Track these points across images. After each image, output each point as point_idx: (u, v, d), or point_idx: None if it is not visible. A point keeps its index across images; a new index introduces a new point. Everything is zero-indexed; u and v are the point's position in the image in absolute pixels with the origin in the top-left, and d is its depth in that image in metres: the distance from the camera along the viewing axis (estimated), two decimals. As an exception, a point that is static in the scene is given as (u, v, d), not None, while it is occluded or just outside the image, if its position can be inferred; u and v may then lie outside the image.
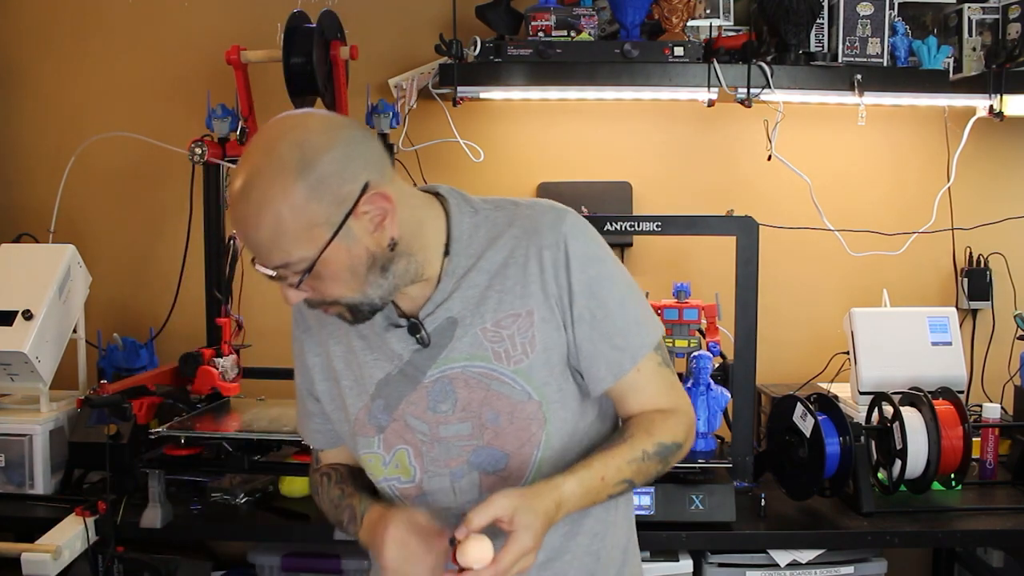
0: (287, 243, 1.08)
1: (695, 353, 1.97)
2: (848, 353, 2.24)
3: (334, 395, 1.28)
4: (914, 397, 2.01)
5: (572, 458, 1.22)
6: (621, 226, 1.99)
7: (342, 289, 1.14)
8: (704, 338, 2.04)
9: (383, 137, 2.22)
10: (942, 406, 1.98)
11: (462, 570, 1.06)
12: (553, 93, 2.35)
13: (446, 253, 1.21)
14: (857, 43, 2.28)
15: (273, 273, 1.12)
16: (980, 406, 2.21)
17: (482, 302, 1.21)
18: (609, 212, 2.42)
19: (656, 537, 1.85)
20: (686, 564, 1.88)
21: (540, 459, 1.22)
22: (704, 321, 2.05)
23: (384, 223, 1.13)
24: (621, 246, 2.55)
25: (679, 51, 2.21)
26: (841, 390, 2.30)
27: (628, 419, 1.28)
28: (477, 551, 1.05)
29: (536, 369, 1.20)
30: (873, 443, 1.99)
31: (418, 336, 1.21)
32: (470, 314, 1.21)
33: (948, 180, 2.51)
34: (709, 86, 2.22)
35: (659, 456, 1.23)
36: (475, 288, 1.21)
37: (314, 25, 2.15)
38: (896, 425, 1.95)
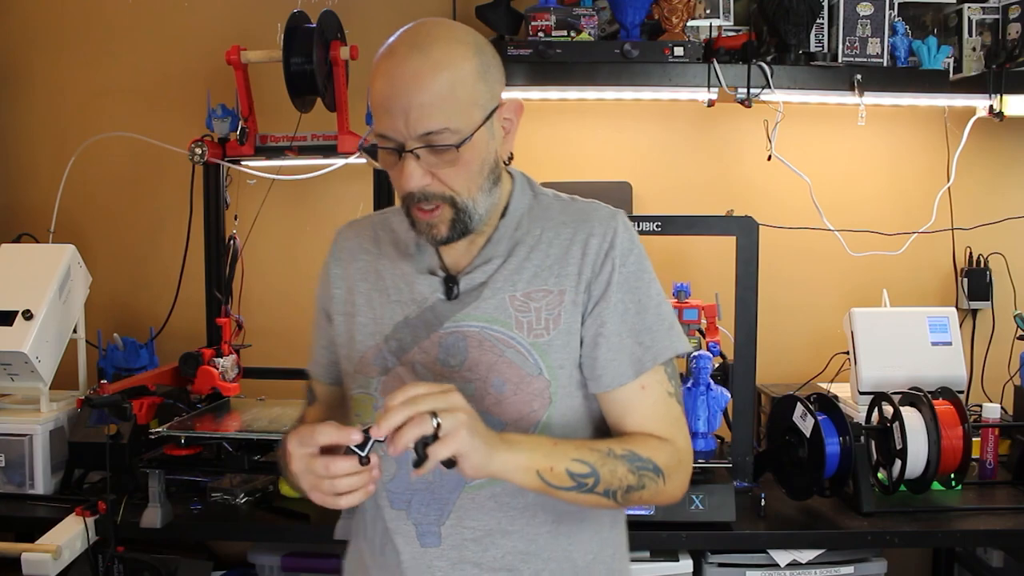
0: (453, 109, 1.12)
1: (695, 353, 1.97)
2: (848, 353, 2.24)
3: (347, 329, 1.30)
4: (914, 397, 2.01)
5: None
6: (621, 226, 1.98)
7: (464, 183, 1.17)
8: (704, 338, 2.05)
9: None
10: (942, 406, 1.98)
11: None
12: (553, 93, 2.35)
13: (501, 217, 1.26)
14: (857, 43, 2.28)
15: (412, 143, 1.12)
16: (980, 406, 2.21)
17: (518, 272, 1.23)
18: (609, 212, 2.42)
19: (656, 537, 1.85)
20: (686, 564, 1.87)
21: None
22: (704, 321, 2.05)
23: (511, 135, 1.22)
24: (621, 246, 2.55)
25: (679, 51, 2.21)
26: (841, 390, 2.30)
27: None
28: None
29: (554, 348, 1.21)
30: (873, 443, 1.99)
31: (449, 286, 1.24)
32: (503, 280, 1.23)
33: (948, 180, 2.51)
34: (709, 86, 2.22)
35: (631, 463, 1.18)
36: (515, 258, 1.24)
37: (314, 25, 2.15)
38: (896, 425, 1.95)
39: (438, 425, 1.03)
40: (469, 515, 1.22)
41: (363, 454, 1.07)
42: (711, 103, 2.27)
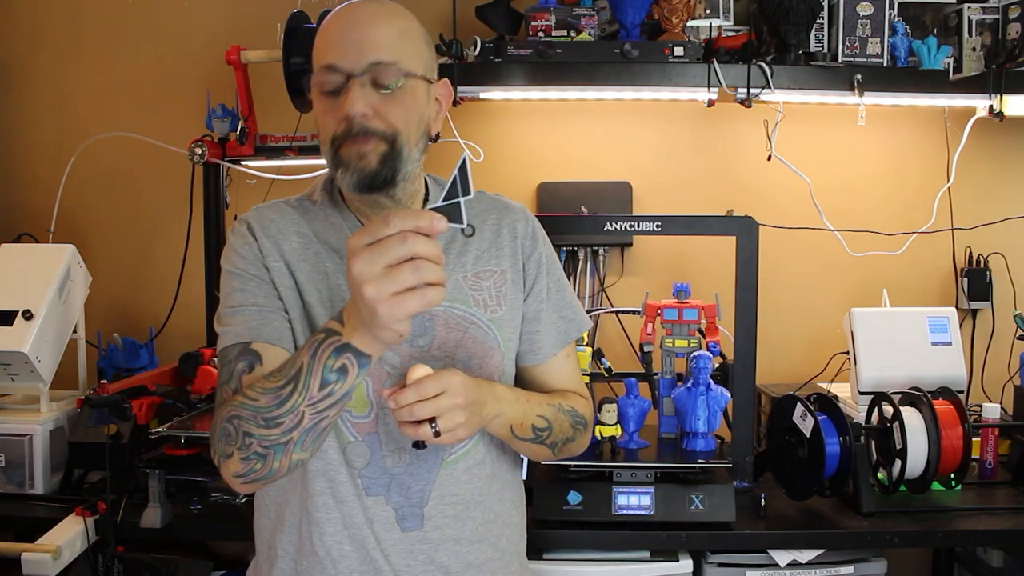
0: (403, 49, 1.19)
1: (695, 353, 1.97)
2: (848, 353, 2.24)
3: (296, 306, 1.24)
4: (914, 397, 2.01)
5: None
6: (621, 226, 1.99)
7: (403, 122, 1.20)
8: (704, 338, 2.04)
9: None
10: (942, 406, 1.98)
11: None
12: (553, 93, 2.34)
13: (425, 202, 1.32)
14: (857, 43, 2.28)
15: (360, 70, 1.16)
16: (980, 406, 2.21)
17: (463, 254, 1.31)
18: (609, 212, 2.42)
19: (656, 537, 1.85)
20: (686, 564, 1.87)
21: None
22: (704, 321, 2.05)
23: (441, 114, 1.28)
24: (621, 246, 2.56)
25: (679, 51, 2.21)
26: (841, 390, 2.30)
27: None
28: (421, 370, 1.11)
29: (505, 323, 1.31)
30: (873, 443, 1.99)
31: None
32: (453, 262, 1.29)
33: (948, 180, 2.51)
34: (709, 86, 2.22)
35: (572, 417, 1.34)
36: (456, 242, 1.31)
37: (314, 25, 2.15)
38: (896, 425, 1.95)
39: (437, 432, 1.10)
40: (449, 491, 1.27)
41: (463, 223, 0.94)
42: (711, 103, 2.27)
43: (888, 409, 2.00)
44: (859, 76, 2.24)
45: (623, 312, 2.47)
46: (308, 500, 1.25)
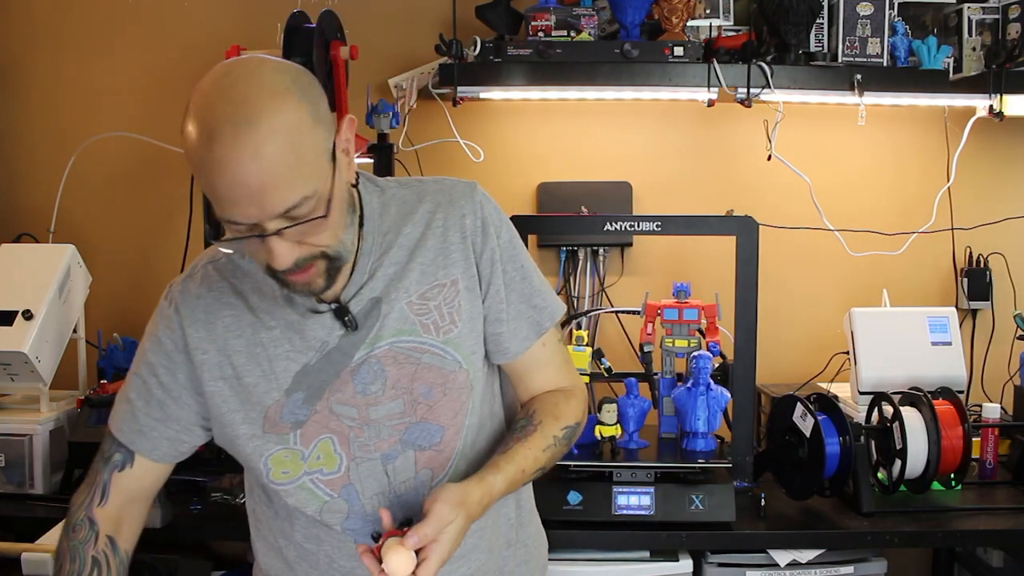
0: (304, 172, 0.99)
1: (695, 353, 1.97)
2: (848, 353, 2.24)
3: (235, 394, 1.20)
4: (914, 397, 2.01)
5: (489, 421, 1.28)
6: (621, 226, 1.99)
7: (332, 235, 1.07)
8: (704, 338, 2.04)
9: (382, 137, 2.22)
10: (942, 406, 1.98)
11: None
12: (553, 93, 2.35)
13: (360, 227, 1.20)
14: (857, 43, 2.28)
15: (273, 224, 1.00)
16: (980, 406, 2.21)
17: (404, 276, 1.20)
18: (609, 212, 2.42)
19: (656, 537, 1.85)
20: (686, 564, 1.87)
21: (468, 425, 1.24)
22: (704, 321, 2.05)
23: (352, 152, 1.11)
24: (621, 246, 2.56)
25: (679, 51, 2.21)
26: (841, 390, 2.30)
27: (531, 400, 1.31)
28: (398, 560, 1.06)
29: (464, 337, 1.22)
30: (873, 443, 1.99)
31: (346, 319, 1.18)
32: (394, 290, 1.19)
33: (948, 180, 2.51)
34: (709, 86, 2.22)
35: (566, 439, 1.28)
36: (396, 265, 1.20)
37: (314, 25, 2.15)
38: (896, 425, 1.95)
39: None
40: None
41: None
42: (711, 103, 2.27)
43: (888, 409, 2.00)
44: (859, 76, 2.24)
45: (623, 312, 2.47)
46: (296, 547, 1.27)
